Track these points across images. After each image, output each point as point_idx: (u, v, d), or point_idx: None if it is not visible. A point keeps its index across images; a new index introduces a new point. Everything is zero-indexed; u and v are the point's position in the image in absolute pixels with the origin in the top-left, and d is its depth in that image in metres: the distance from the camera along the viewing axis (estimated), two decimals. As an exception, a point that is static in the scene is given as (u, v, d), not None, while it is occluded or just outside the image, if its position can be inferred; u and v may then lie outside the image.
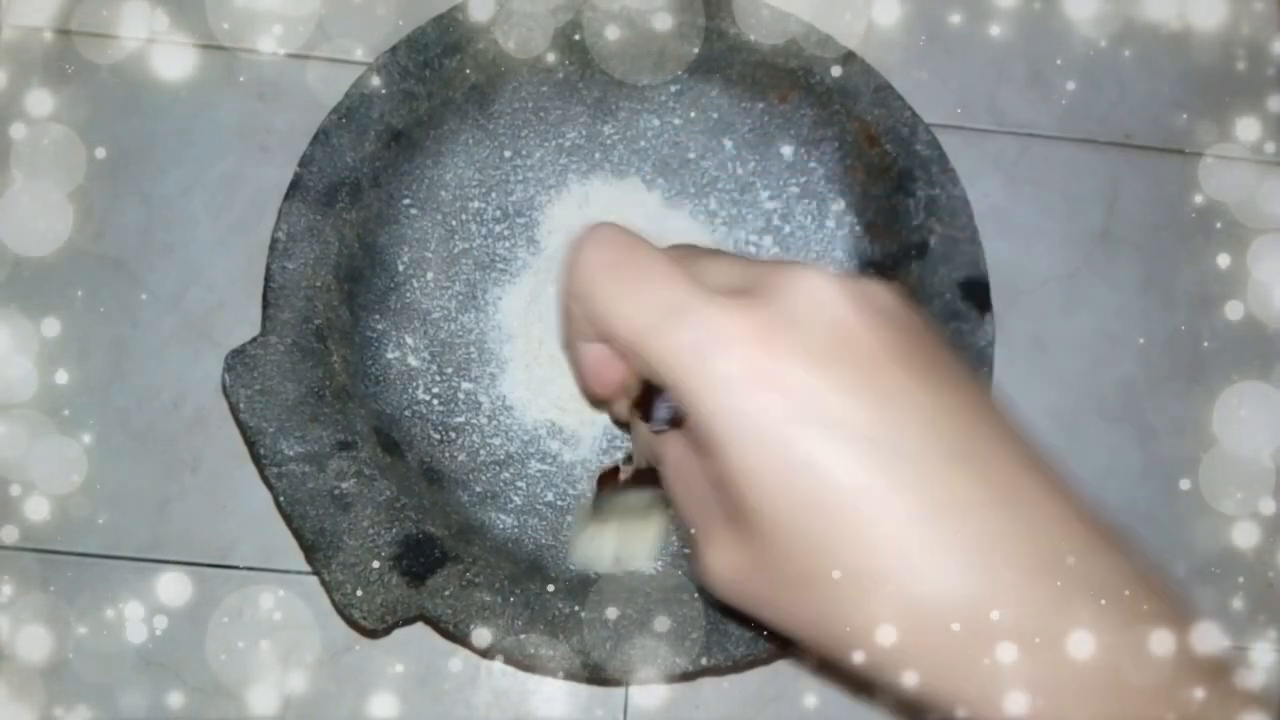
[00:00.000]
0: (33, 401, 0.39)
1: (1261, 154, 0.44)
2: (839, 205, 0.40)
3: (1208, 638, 0.23)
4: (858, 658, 0.23)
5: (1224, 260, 0.43)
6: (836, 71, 0.39)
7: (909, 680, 0.23)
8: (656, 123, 0.40)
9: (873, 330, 0.23)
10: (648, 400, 0.27)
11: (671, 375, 0.23)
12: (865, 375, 0.22)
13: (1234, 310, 0.43)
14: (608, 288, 0.25)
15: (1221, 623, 0.40)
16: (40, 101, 0.41)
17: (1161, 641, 0.22)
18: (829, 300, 0.23)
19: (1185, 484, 0.41)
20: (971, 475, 0.22)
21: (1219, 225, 0.44)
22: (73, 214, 0.40)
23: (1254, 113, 0.44)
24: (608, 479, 0.35)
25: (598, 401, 0.30)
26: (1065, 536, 0.23)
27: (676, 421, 0.27)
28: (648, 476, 0.32)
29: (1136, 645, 0.22)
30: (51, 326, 0.40)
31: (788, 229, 0.40)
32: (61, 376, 0.40)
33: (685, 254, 0.26)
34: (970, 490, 0.22)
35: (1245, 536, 0.41)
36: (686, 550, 0.36)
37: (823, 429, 0.22)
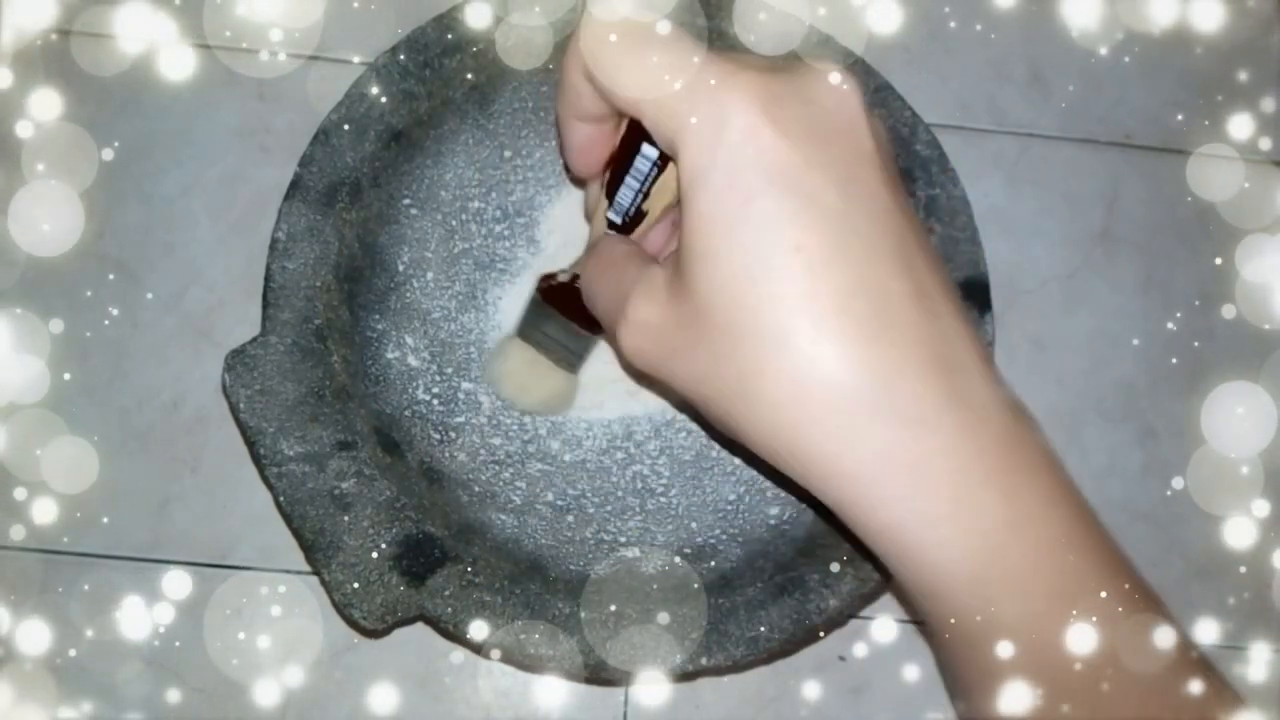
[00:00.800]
0: (34, 401, 0.39)
1: (1257, 153, 0.44)
2: (839, 205, 0.40)
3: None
4: (746, 420, 0.24)
5: (1222, 260, 0.43)
6: (836, 71, 0.39)
7: (790, 449, 0.24)
8: (656, 123, 0.40)
9: (873, 134, 0.25)
10: (615, 181, 0.29)
11: (672, 122, 0.24)
12: (851, 166, 0.24)
13: (1232, 310, 0.43)
14: (618, 51, 0.25)
15: (1221, 622, 0.41)
16: (41, 102, 0.41)
17: (1021, 444, 0.24)
18: (848, 95, 0.25)
19: (1185, 484, 0.41)
20: (908, 282, 0.23)
21: (1211, 227, 0.44)
22: (83, 215, 0.40)
23: (1251, 112, 0.44)
24: (548, 282, 0.36)
25: (578, 181, 0.31)
26: (969, 357, 0.24)
27: (637, 217, 0.29)
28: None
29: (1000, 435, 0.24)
30: (55, 326, 0.40)
31: (788, 229, 0.40)
32: (63, 376, 0.40)
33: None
34: (901, 291, 0.23)
35: (1243, 536, 0.41)
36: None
37: (793, 196, 0.23)
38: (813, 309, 0.23)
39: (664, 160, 0.28)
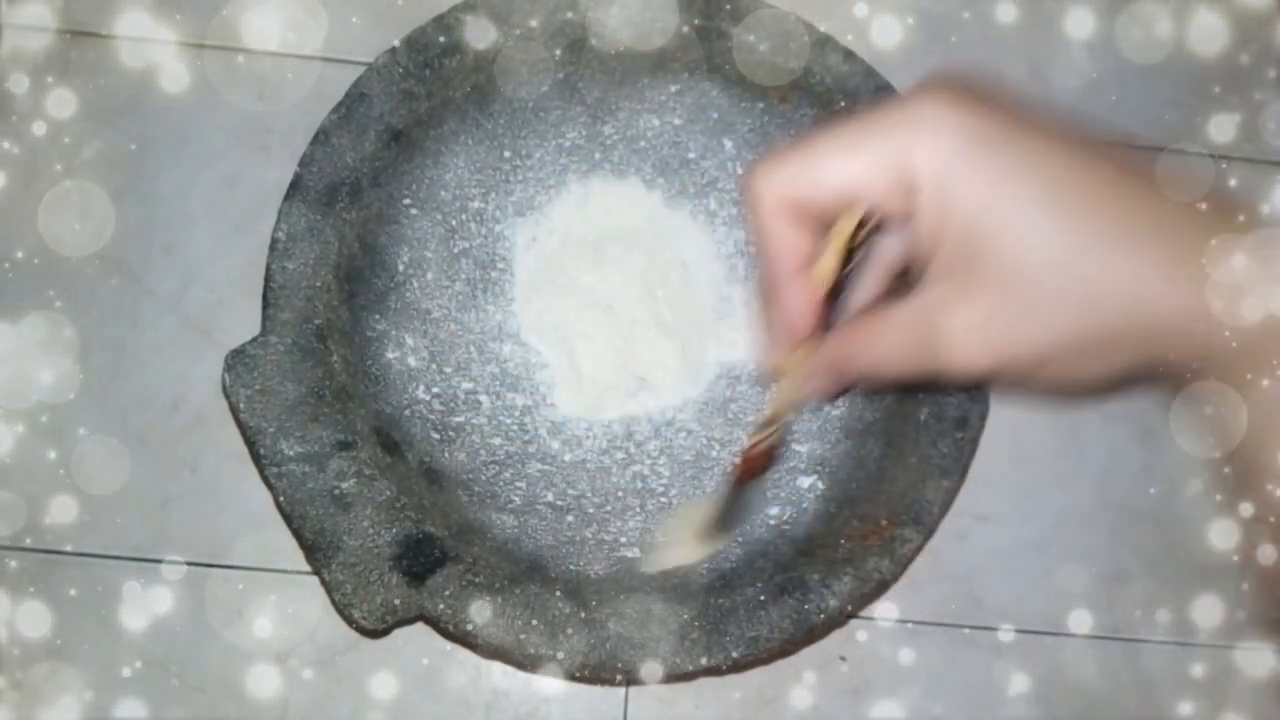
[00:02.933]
0: (36, 401, 0.39)
1: (1251, 152, 0.44)
2: (839, 205, 0.40)
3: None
4: (1128, 301, 0.28)
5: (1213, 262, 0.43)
6: (837, 71, 0.39)
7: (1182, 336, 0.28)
8: (656, 123, 0.40)
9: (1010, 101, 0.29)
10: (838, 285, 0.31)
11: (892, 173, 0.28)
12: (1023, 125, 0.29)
13: (1227, 311, 0.43)
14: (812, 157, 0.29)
15: (1220, 622, 0.41)
16: (41, 102, 0.41)
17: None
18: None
19: (1183, 484, 0.42)
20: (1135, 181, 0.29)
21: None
22: (103, 214, 0.41)
23: (1246, 112, 0.44)
24: (756, 462, 0.36)
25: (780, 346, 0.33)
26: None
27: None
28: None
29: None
30: (56, 326, 0.40)
31: (788, 229, 0.40)
32: (64, 377, 0.40)
33: None
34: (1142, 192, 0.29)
35: (1241, 536, 0.41)
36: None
37: (1011, 148, 0.28)
38: (1096, 225, 0.28)
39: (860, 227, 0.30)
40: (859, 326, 0.31)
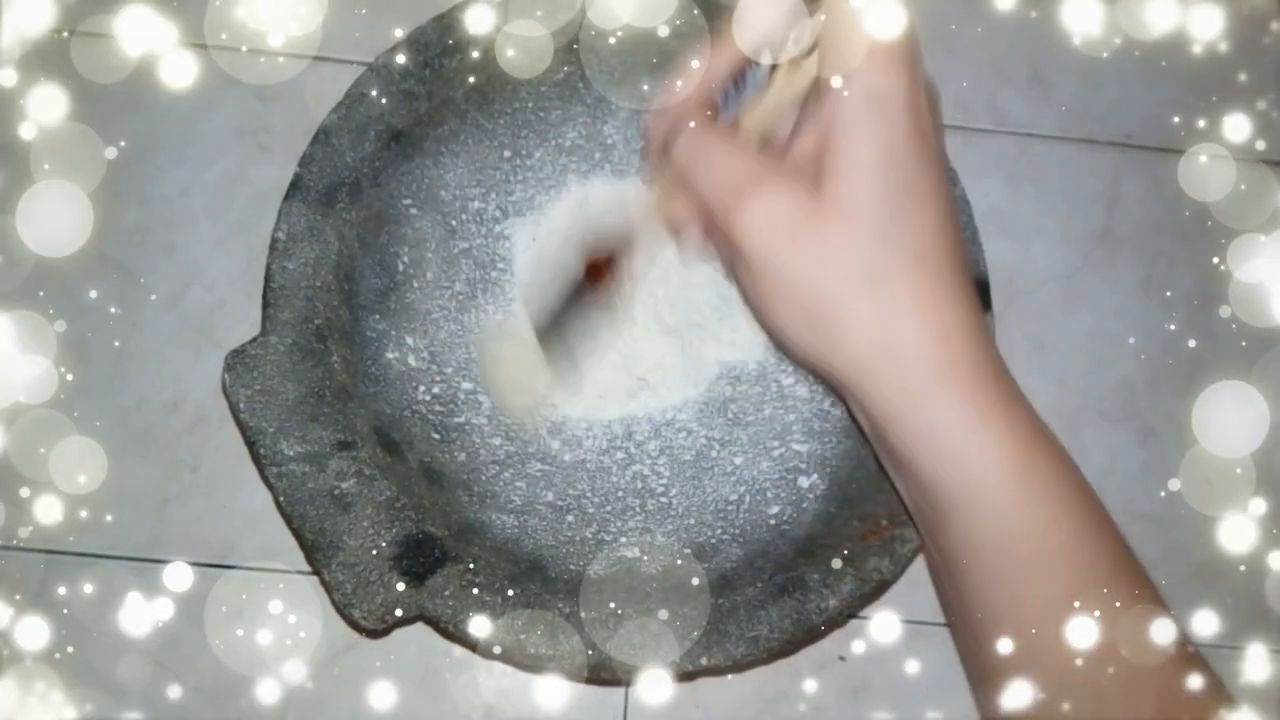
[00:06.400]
0: (35, 401, 0.39)
1: (1254, 153, 0.44)
2: (839, 205, 0.40)
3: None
4: (837, 319, 0.29)
5: (1220, 260, 0.43)
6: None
7: (877, 372, 0.29)
8: (656, 123, 0.40)
9: None
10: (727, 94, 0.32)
11: (844, 65, 0.29)
12: (939, 160, 0.30)
13: (1229, 310, 0.43)
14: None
15: (1220, 622, 0.41)
16: (44, 102, 0.41)
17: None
18: (938, 98, 0.32)
19: (1182, 484, 0.41)
20: (959, 259, 0.30)
21: (1209, 224, 0.44)
22: (91, 215, 0.41)
23: (1250, 112, 0.44)
24: (598, 271, 0.36)
25: (673, 100, 0.33)
26: (981, 328, 0.30)
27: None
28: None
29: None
30: (57, 326, 0.40)
31: (788, 229, 0.40)
32: (64, 377, 0.40)
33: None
34: (959, 266, 0.30)
35: (1241, 536, 0.41)
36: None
37: (934, 163, 0.30)
38: (940, 240, 0.29)
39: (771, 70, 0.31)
40: (706, 137, 0.32)
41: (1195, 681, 0.27)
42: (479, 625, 0.33)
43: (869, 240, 0.28)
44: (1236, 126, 0.44)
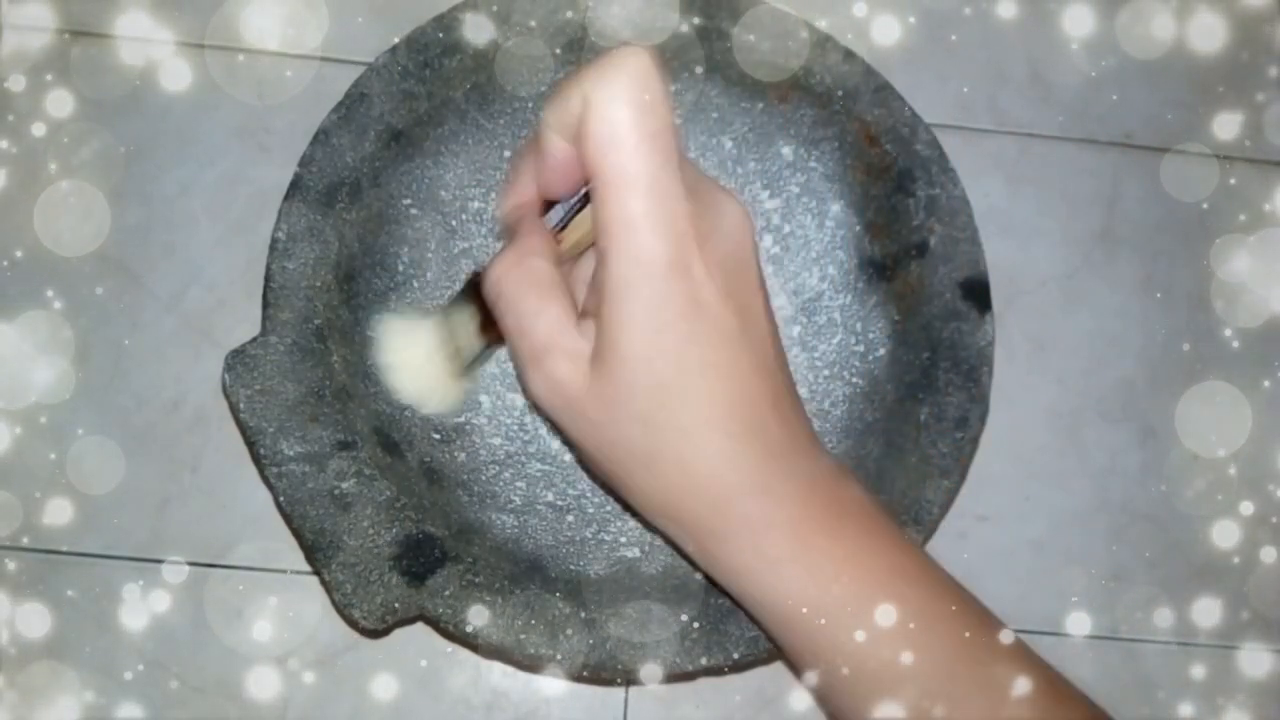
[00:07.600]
0: (35, 401, 0.39)
1: (1252, 153, 0.44)
2: (839, 205, 0.40)
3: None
4: (643, 486, 0.31)
5: (1219, 261, 0.43)
6: (836, 71, 0.39)
7: (676, 512, 0.31)
8: (656, 123, 0.40)
9: (758, 261, 0.31)
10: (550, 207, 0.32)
11: (620, 213, 0.28)
12: (747, 295, 0.30)
13: (1229, 310, 0.43)
14: (625, 127, 0.28)
15: (1220, 622, 0.41)
16: (40, 101, 0.41)
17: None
18: (750, 228, 0.31)
19: (1182, 484, 0.42)
20: (770, 390, 0.30)
21: (1209, 224, 0.43)
22: (100, 214, 0.41)
23: (1247, 111, 0.44)
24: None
25: (517, 188, 0.33)
26: (804, 439, 0.31)
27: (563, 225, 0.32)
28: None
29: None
30: (56, 326, 0.40)
31: (788, 228, 0.40)
32: (64, 376, 0.40)
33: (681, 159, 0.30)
34: (765, 397, 0.30)
35: (1237, 536, 0.41)
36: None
37: (708, 322, 0.29)
38: (712, 415, 0.29)
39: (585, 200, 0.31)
40: (528, 259, 0.31)
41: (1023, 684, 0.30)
42: (479, 626, 0.33)
43: (636, 426, 0.29)
44: (1237, 126, 0.44)
